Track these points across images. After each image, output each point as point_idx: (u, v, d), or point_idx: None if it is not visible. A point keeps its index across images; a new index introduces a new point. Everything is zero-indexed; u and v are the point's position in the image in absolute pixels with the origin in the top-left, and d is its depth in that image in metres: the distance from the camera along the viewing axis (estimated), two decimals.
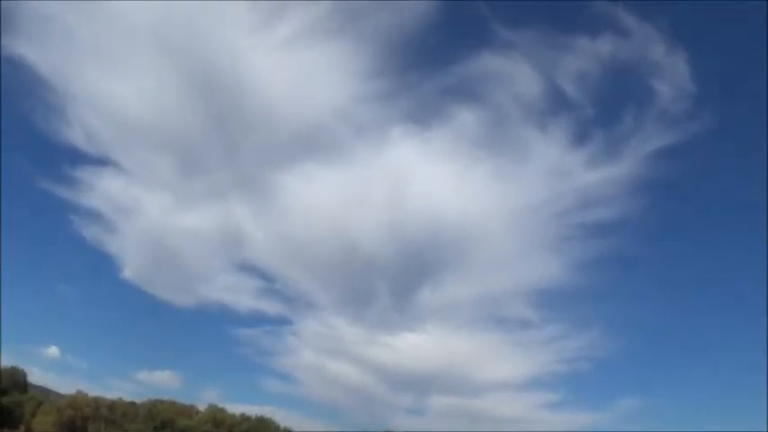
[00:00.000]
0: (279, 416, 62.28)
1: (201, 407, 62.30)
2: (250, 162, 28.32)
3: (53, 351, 71.96)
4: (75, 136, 26.48)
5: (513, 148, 32.15)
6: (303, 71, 24.72)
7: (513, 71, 29.64)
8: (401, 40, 25.34)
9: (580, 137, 40.02)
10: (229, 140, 27.31)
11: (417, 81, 28.52)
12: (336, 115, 26.89)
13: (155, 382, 77.15)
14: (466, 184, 32.90)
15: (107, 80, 24.13)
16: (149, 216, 32.67)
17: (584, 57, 29.85)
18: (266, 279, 55.42)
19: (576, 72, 30.29)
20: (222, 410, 62.10)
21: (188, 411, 61.78)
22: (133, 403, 62.48)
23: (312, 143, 27.93)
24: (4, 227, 28.18)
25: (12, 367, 58.61)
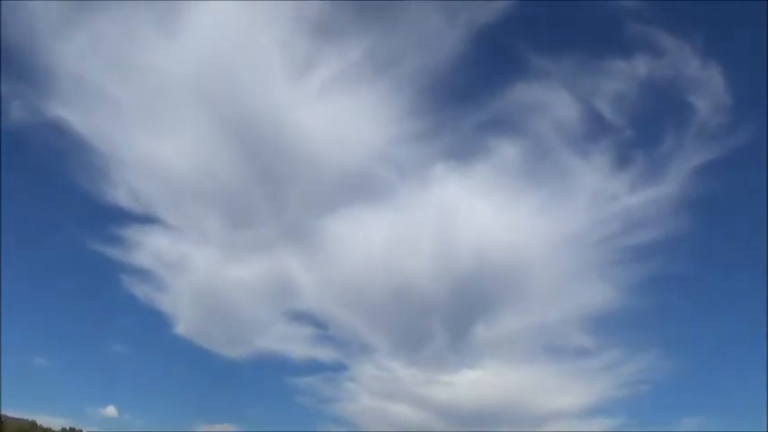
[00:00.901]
0: None
1: None
2: (296, 210, 28.83)
3: (111, 411, 72.50)
4: (121, 196, 27.40)
5: (555, 176, 32.17)
6: (342, 117, 25.27)
7: (551, 99, 29.84)
8: (436, 79, 25.85)
9: (622, 160, 39.89)
10: (274, 191, 27.87)
11: (456, 117, 28.94)
12: (378, 158, 27.32)
13: None
14: (512, 217, 32.70)
15: (149, 139, 24.96)
16: (199, 271, 33.14)
17: (620, 79, 29.94)
18: (319, 326, 55.38)
19: (614, 95, 30.37)
20: None
21: None
22: None
23: (356, 187, 28.31)
24: (58, 289, 28.82)
25: (71, 429, 59.13)
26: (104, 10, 21.87)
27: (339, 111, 28.05)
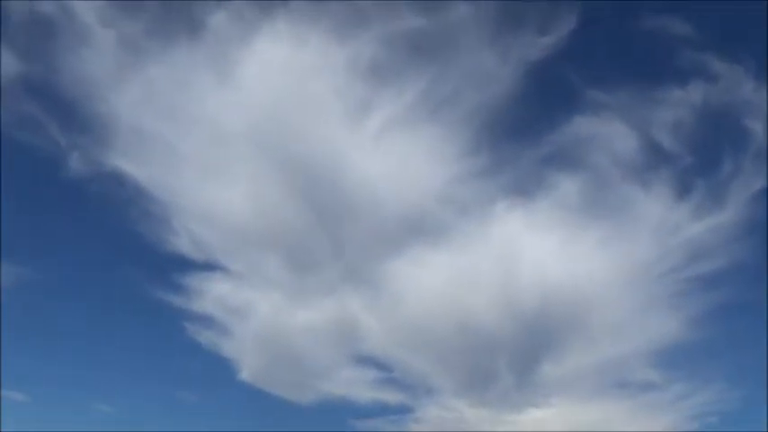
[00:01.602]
0: None
1: None
2: (358, 253, 28.84)
3: None
4: (182, 244, 27.77)
5: (617, 209, 31.57)
6: (400, 158, 25.22)
7: (608, 132, 29.45)
8: (493, 116, 25.82)
9: (682, 188, 39.10)
10: (335, 234, 27.93)
11: (515, 154, 28.61)
12: (439, 197, 27.22)
13: None
14: (575, 251, 32.13)
15: (208, 186, 25.29)
16: (262, 316, 33.13)
17: (676, 107, 29.49)
18: (384, 368, 54.69)
19: (671, 123, 29.85)
20: None
21: None
22: None
23: (417, 227, 28.21)
24: (121, 337, 29.18)
25: None
26: (158, 59, 22.41)
27: (397, 152, 28.06)
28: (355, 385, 36.04)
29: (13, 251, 23.07)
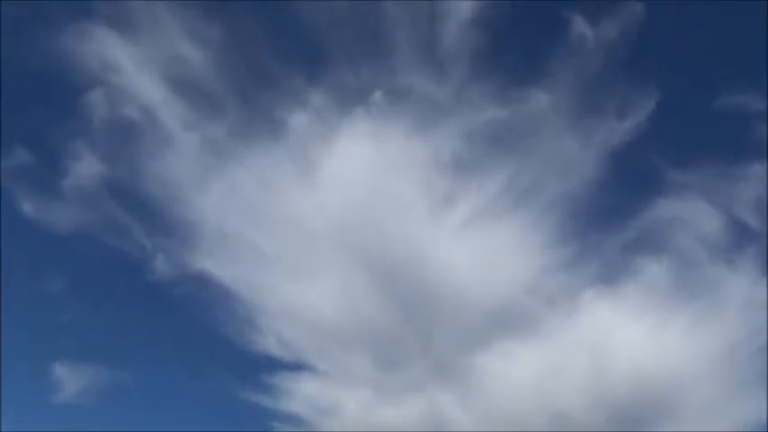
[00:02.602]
0: None
1: None
2: (445, 348, 28.39)
3: None
4: (269, 344, 27.64)
5: (703, 290, 30.73)
6: (485, 251, 25.12)
7: (691, 212, 29.06)
8: (577, 204, 25.77)
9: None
10: (422, 329, 27.67)
11: (599, 241, 28.27)
12: (525, 289, 26.85)
13: None
14: (664, 336, 31.30)
15: (293, 286, 25.38)
16: (351, 414, 32.44)
17: (757, 182, 29.07)
18: None
19: (753, 199, 29.35)
20: None
21: None
22: None
23: (504, 320, 27.72)
24: None
25: None
26: (240, 160, 22.71)
27: (482, 244, 27.92)
28: None
29: (102, 354, 23.10)
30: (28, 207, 22.93)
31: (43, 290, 23.00)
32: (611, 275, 29.07)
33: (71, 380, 23.06)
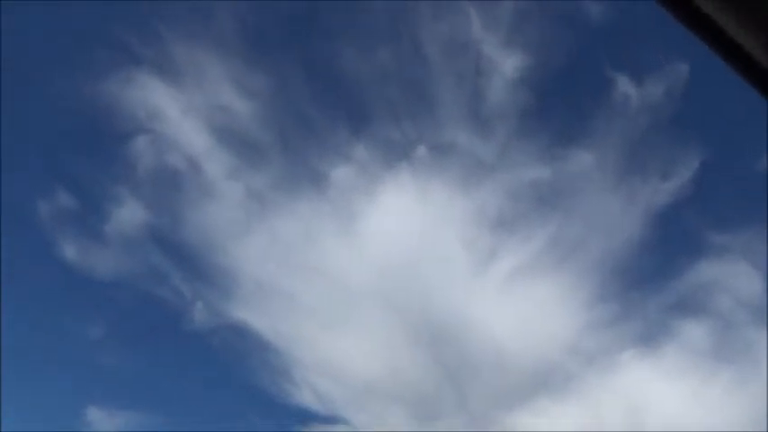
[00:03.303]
0: None
1: None
2: (482, 404, 27.47)
3: None
4: (304, 396, 26.65)
5: (744, 352, 29.84)
6: (526, 308, 24.68)
7: (732, 274, 28.28)
8: (618, 264, 25.10)
9: None
10: (460, 385, 26.88)
11: (640, 301, 27.47)
12: (565, 348, 26.08)
13: None
14: (702, 399, 30.58)
15: (330, 339, 24.74)
16: None
17: None
18: None
19: None
20: None
21: None
22: None
23: (543, 378, 26.85)
24: None
25: None
26: (281, 211, 22.73)
27: (523, 302, 27.71)
28: None
29: (137, 400, 23.06)
30: (70, 251, 23.12)
31: (84, 334, 23.13)
32: (651, 336, 28.77)
33: (104, 423, 23.07)
